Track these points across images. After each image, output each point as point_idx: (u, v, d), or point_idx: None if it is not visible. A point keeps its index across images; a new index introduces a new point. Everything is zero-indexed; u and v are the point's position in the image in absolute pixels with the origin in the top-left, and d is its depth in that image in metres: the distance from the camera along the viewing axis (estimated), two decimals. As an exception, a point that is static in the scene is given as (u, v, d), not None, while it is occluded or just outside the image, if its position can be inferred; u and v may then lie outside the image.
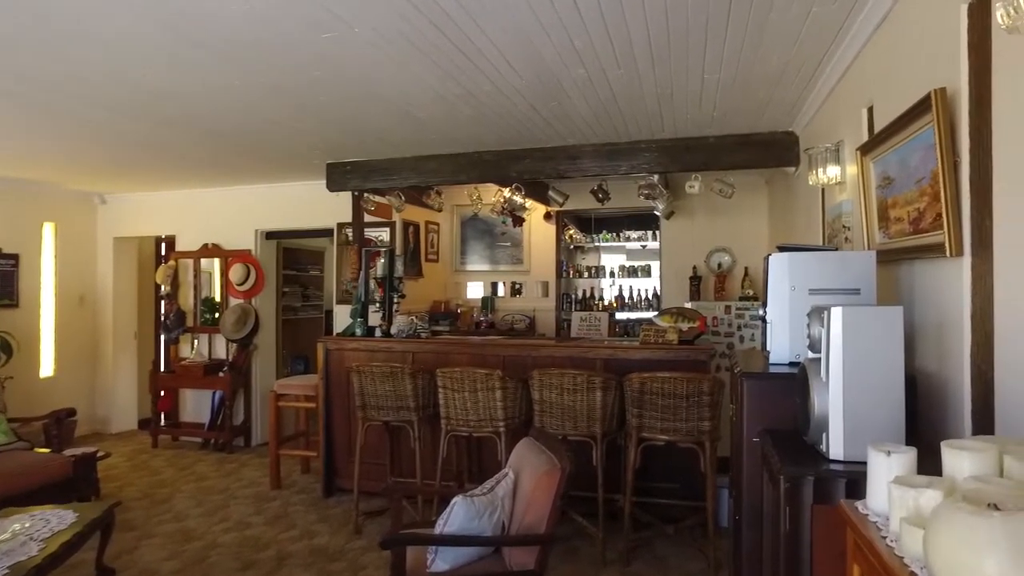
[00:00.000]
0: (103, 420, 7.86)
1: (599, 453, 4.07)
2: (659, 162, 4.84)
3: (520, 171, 5.10)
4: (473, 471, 4.91)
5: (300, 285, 8.30)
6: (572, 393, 4.08)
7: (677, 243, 6.93)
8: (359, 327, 5.34)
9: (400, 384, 4.48)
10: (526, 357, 4.82)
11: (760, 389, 2.09)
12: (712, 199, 6.74)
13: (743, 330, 5.90)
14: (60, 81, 3.52)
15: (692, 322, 4.64)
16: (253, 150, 5.18)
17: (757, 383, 2.10)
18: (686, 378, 3.80)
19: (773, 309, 2.31)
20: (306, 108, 4.02)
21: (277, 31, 2.84)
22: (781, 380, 2.09)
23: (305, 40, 2.93)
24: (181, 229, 7.55)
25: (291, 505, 5.19)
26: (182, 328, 7.33)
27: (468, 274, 7.82)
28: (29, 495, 4.43)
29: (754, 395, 2.08)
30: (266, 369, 7.36)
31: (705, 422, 3.80)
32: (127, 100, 3.88)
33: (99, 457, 5.31)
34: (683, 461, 4.24)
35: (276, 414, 5.63)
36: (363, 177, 5.53)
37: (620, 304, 7.44)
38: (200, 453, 6.91)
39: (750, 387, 2.10)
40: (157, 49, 3.07)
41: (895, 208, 2.32)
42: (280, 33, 2.86)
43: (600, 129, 4.59)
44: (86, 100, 3.86)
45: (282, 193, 6.98)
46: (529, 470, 2.88)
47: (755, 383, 2.10)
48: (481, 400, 4.24)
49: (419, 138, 4.81)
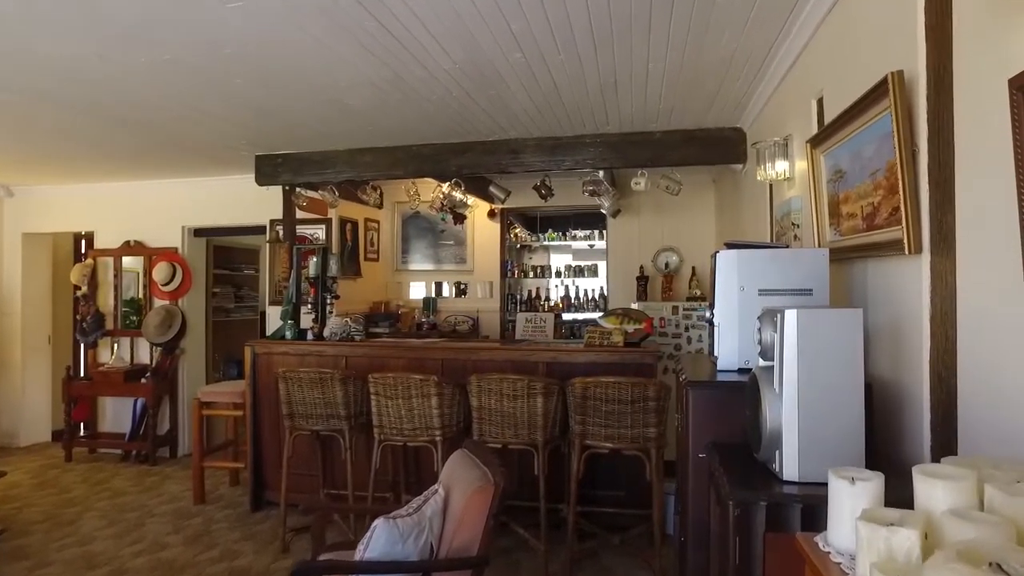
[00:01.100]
0: (9, 433, 7.24)
1: (541, 462, 3.87)
2: (604, 158, 4.67)
3: (460, 166, 4.86)
4: (410, 482, 4.65)
5: (233, 285, 7.84)
6: (512, 399, 3.87)
7: (624, 242, 6.81)
8: (289, 330, 5.01)
9: (330, 391, 4.18)
10: (465, 361, 4.58)
11: (707, 399, 1.91)
12: (659, 197, 6.63)
13: (691, 331, 5.80)
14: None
15: (638, 323, 4.48)
16: (172, 140, 4.78)
17: (703, 392, 1.92)
18: (631, 383, 3.63)
19: (721, 311, 2.14)
20: (223, 92, 3.68)
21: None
22: (730, 389, 1.91)
23: (207, 8, 2.62)
24: (100, 225, 7.03)
25: (215, 522, 4.82)
26: (101, 331, 6.82)
27: (410, 274, 7.53)
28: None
29: (700, 406, 1.89)
30: (195, 374, 6.91)
31: (651, 429, 3.64)
32: (26, 79, 3.49)
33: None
34: (629, 468, 4.08)
35: (200, 423, 5.24)
36: (295, 171, 5.19)
37: (566, 305, 7.28)
38: (120, 466, 6.43)
39: (696, 397, 1.91)
40: (51, 21, 2.72)
41: (847, 203, 2.18)
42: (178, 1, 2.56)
43: (543, 122, 4.39)
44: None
45: (211, 188, 6.55)
46: (461, 486, 2.65)
47: (701, 392, 1.92)
48: (416, 407, 3.99)
49: (353, 129, 4.52)
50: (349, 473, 4.23)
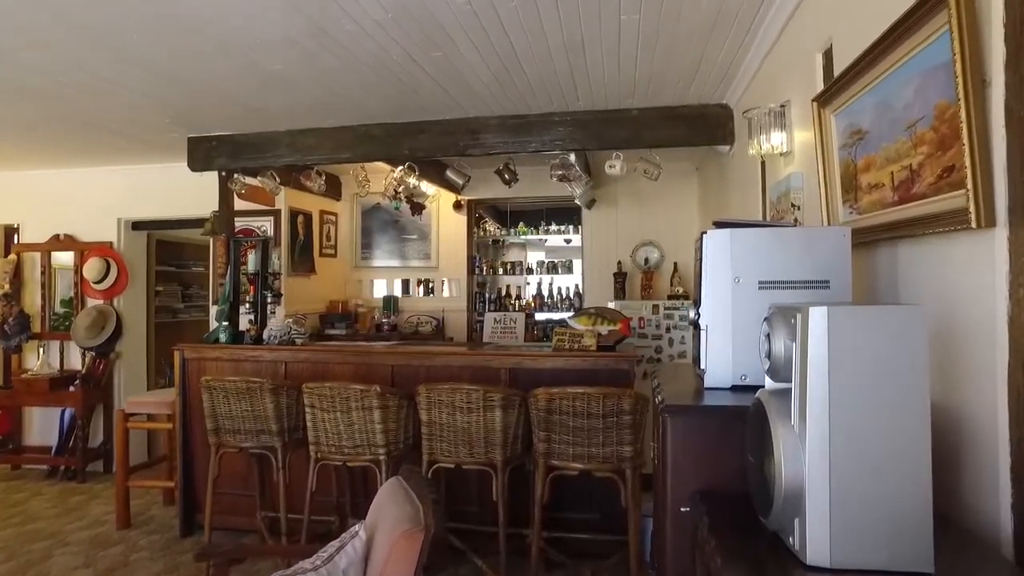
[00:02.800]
0: (-71, 446, 6.60)
1: (500, 485, 3.36)
2: (574, 138, 4.17)
3: (414, 148, 4.33)
4: (357, 503, 4.12)
5: (181, 283, 7.24)
6: (466, 412, 3.35)
7: (600, 236, 6.32)
8: (223, 332, 4.45)
9: (259, 403, 3.63)
10: (418, 368, 4.05)
11: (692, 431, 1.39)
12: (637, 187, 6.17)
13: (672, 332, 5.32)
14: None
15: (613, 324, 3.98)
16: (79, 115, 4.18)
17: (687, 422, 1.39)
18: (602, 394, 3.12)
19: (709, 310, 1.63)
20: (118, 52, 3.10)
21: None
22: (725, 418, 1.40)
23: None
24: (27, 217, 6.39)
25: (136, 550, 4.25)
26: (26, 334, 6.18)
27: (371, 271, 6.98)
28: None
29: (683, 440, 1.38)
30: (134, 381, 6.30)
31: (626, 447, 3.14)
32: None
33: None
34: (602, 488, 3.57)
35: (124, 437, 4.65)
36: (231, 155, 4.63)
37: (539, 304, 6.78)
38: (44, 484, 5.81)
39: (677, 429, 1.39)
40: None
41: (870, 171, 1.69)
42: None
43: (504, 98, 3.88)
44: None
45: (147, 177, 5.95)
46: (386, 527, 2.13)
47: (684, 422, 1.39)
48: (356, 421, 3.45)
49: (291, 106, 3.97)
50: (282, 495, 3.69)
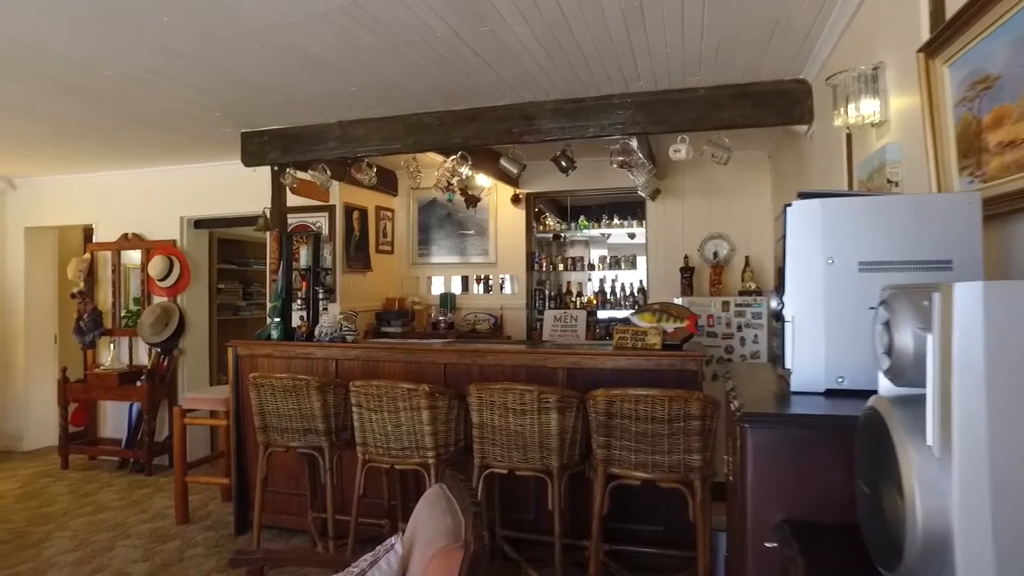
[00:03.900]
0: (14, 436, 6.89)
1: (556, 493, 3.12)
2: (635, 121, 3.88)
3: (466, 137, 4.14)
4: (408, 507, 3.94)
5: (242, 281, 7.32)
6: (520, 415, 3.13)
7: (666, 229, 5.98)
8: (275, 329, 4.38)
9: (305, 401, 3.52)
10: (471, 366, 3.86)
11: (779, 444, 1.10)
12: (705, 177, 5.81)
13: (744, 330, 4.95)
14: None
15: (679, 321, 3.68)
16: (132, 110, 4.17)
17: (773, 434, 1.11)
18: (668, 397, 2.84)
19: (796, 299, 1.35)
20: (153, 38, 3.01)
21: None
22: (820, 430, 1.11)
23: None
24: (100, 217, 6.58)
25: (192, 547, 4.23)
26: (99, 331, 6.36)
27: (427, 267, 6.85)
28: None
29: (767, 455, 1.10)
30: (197, 377, 6.39)
31: (694, 456, 2.84)
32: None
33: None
34: (669, 498, 3.28)
35: (182, 433, 4.67)
36: (283, 149, 4.56)
37: (601, 301, 6.48)
38: (114, 475, 5.95)
39: (760, 441, 1.10)
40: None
41: (1002, 127, 1.37)
42: None
43: (559, 78, 3.64)
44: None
45: (207, 175, 6.01)
46: (424, 542, 1.93)
47: (769, 434, 1.11)
48: (404, 422, 3.29)
49: (337, 94, 3.85)
50: (329, 498, 3.56)
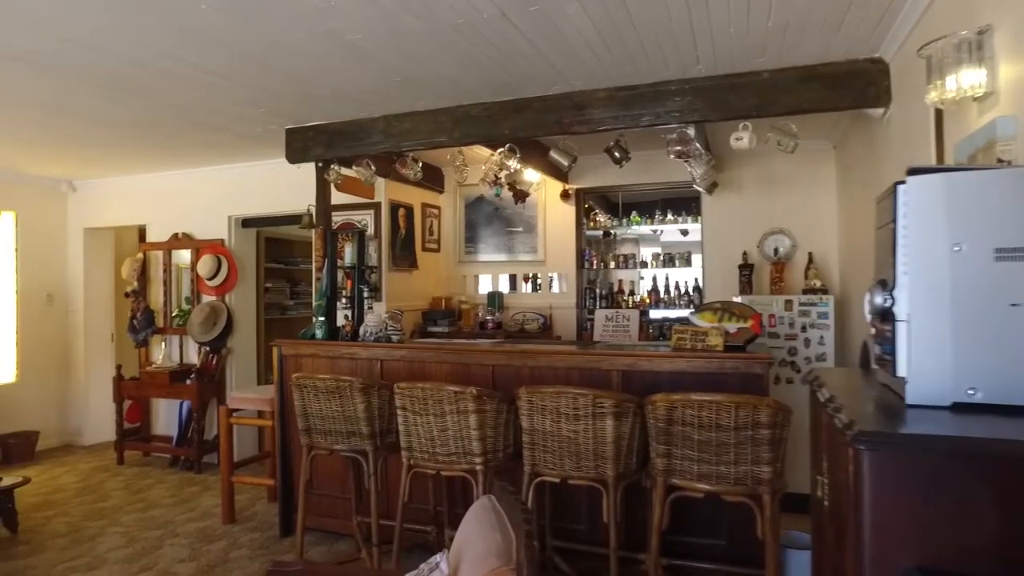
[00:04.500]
0: (74, 431, 7.07)
1: (611, 504, 2.92)
2: (693, 108, 3.65)
3: (515, 128, 3.97)
4: (456, 513, 3.81)
5: (289, 280, 7.34)
6: (573, 420, 2.94)
7: (723, 225, 5.69)
8: (319, 328, 4.31)
9: (349, 403, 3.41)
10: (520, 368, 3.69)
11: (909, 474, 0.87)
12: (766, 170, 5.50)
13: (809, 331, 4.65)
14: None
15: (743, 321, 3.44)
16: (178, 109, 4.16)
17: (900, 460, 0.87)
18: (734, 402, 2.62)
19: (911, 293, 1.13)
20: (191, 28, 2.94)
21: None
22: (969, 459, 0.87)
23: None
24: (151, 217, 6.68)
25: (237, 547, 4.19)
26: (151, 329, 6.45)
27: (474, 265, 6.72)
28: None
29: (893, 487, 0.87)
30: (245, 376, 6.41)
31: (763, 467, 2.61)
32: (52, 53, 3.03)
33: (11, 486, 4.41)
34: (733, 510, 3.05)
35: (228, 432, 4.65)
36: (327, 145, 4.48)
37: (654, 300, 6.23)
38: (166, 472, 6.01)
39: (883, 468, 0.86)
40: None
41: None
42: None
43: (612, 64, 3.43)
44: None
45: (254, 174, 6.02)
46: (471, 561, 1.77)
47: (896, 460, 0.88)
48: (451, 426, 3.14)
49: (381, 86, 3.73)
50: (373, 504, 3.45)
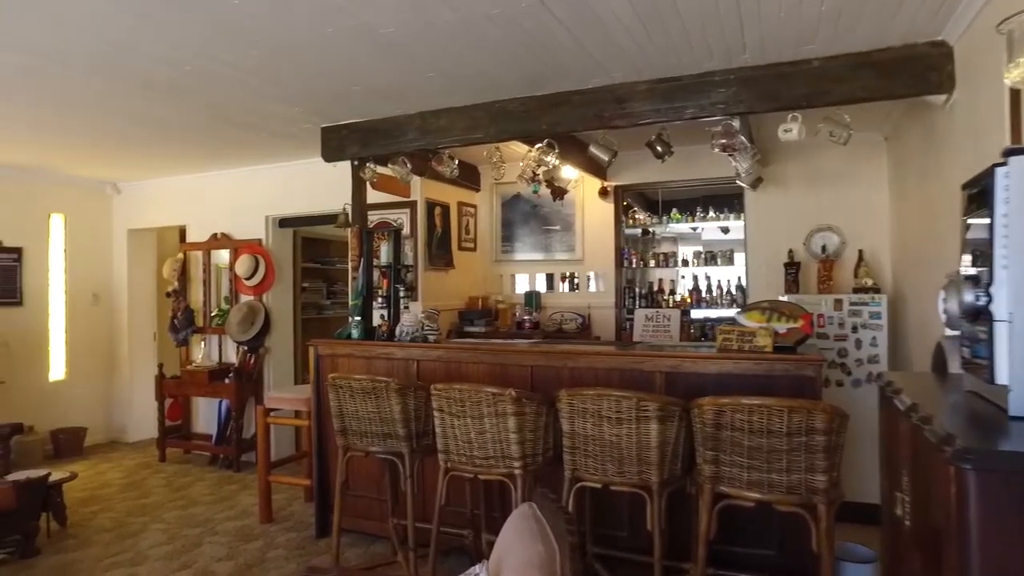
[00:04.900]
0: (120, 428, 7.22)
1: (655, 511, 2.80)
2: (739, 100, 3.50)
3: (553, 123, 3.87)
4: (493, 517, 3.73)
5: (326, 280, 7.36)
6: (615, 424, 2.83)
7: (767, 221, 5.50)
8: (356, 328, 4.28)
9: (385, 404, 3.35)
10: (560, 369, 3.60)
11: (1021, 498, 0.76)
12: (812, 164, 5.30)
13: (860, 331, 4.45)
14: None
15: (793, 321, 3.28)
16: (214, 107, 4.16)
17: (1010, 481, 0.76)
18: (787, 407, 2.48)
19: (1016, 290, 1.00)
20: (219, 21, 2.92)
21: None
22: None
23: None
24: (191, 218, 6.77)
25: (274, 548, 4.18)
26: (191, 328, 6.53)
27: (511, 264, 6.64)
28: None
29: (1010, 514, 0.76)
30: (283, 376, 6.44)
31: (818, 476, 2.46)
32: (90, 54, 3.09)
33: (60, 481, 4.49)
34: (784, 518, 2.90)
35: (265, 432, 4.65)
36: (362, 143, 4.45)
37: (696, 299, 6.06)
38: (205, 470, 6.07)
39: (996, 494, 0.73)
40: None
41: None
42: None
43: (655, 54, 3.31)
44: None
45: (290, 174, 6.04)
46: (511, 570, 1.68)
47: (1008, 482, 0.76)
48: (488, 429, 3.06)
49: (416, 82, 3.67)
50: (409, 506, 3.38)
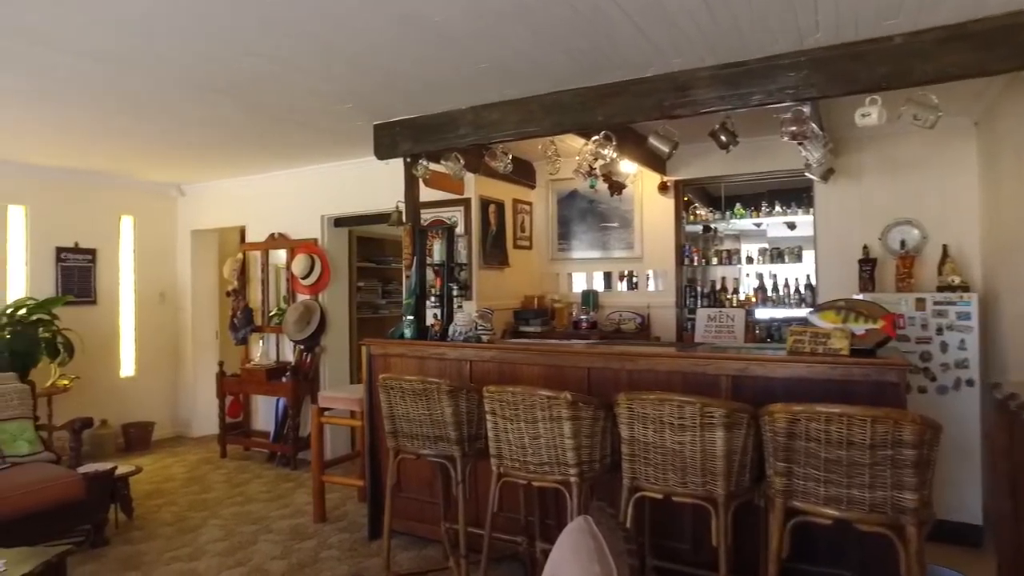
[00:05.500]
0: (186, 423, 7.42)
1: (721, 525, 2.61)
2: (810, 83, 3.25)
3: (609, 115, 3.70)
4: (548, 524, 3.59)
5: (381, 279, 7.37)
6: (678, 430, 2.65)
7: (840, 216, 5.17)
8: (408, 327, 4.21)
9: (436, 406, 3.26)
10: (618, 371, 3.42)
11: None
12: (890, 152, 4.95)
13: (946, 333, 4.10)
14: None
15: (872, 321, 3.02)
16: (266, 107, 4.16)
17: None
18: (871, 416, 2.24)
19: None
20: (264, 16, 2.89)
21: None
22: None
23: None
24: (250, 218, 6.88)
25: (327, 548, 4.16)
26: (250, 327, 6.63)
27: (567, 263, 6.48)
28: (25, 520, 3.76)
29: None
30: (338, 375, 6.47)
31: (907, 493, 2.22)
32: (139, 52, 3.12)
33: (126, 474, 4.59)
34: (861, 536, 2.66)
35: (319, 431, 4.65)
36: (414, 139, 4.38)
37: (760, 298, 5.77)
38: (264, 467, 6.15)
39: None
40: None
41: None
42: None
43: (718, 38, 3.10)
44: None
45: (345, 173, 6.06)
46: (567, 596, 1.54)
47: None
48: (543, 434, 2.92)
49: (468, 74, 3.56)
50: (461, 512, 3.28)
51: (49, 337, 5.68)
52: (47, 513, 3.92)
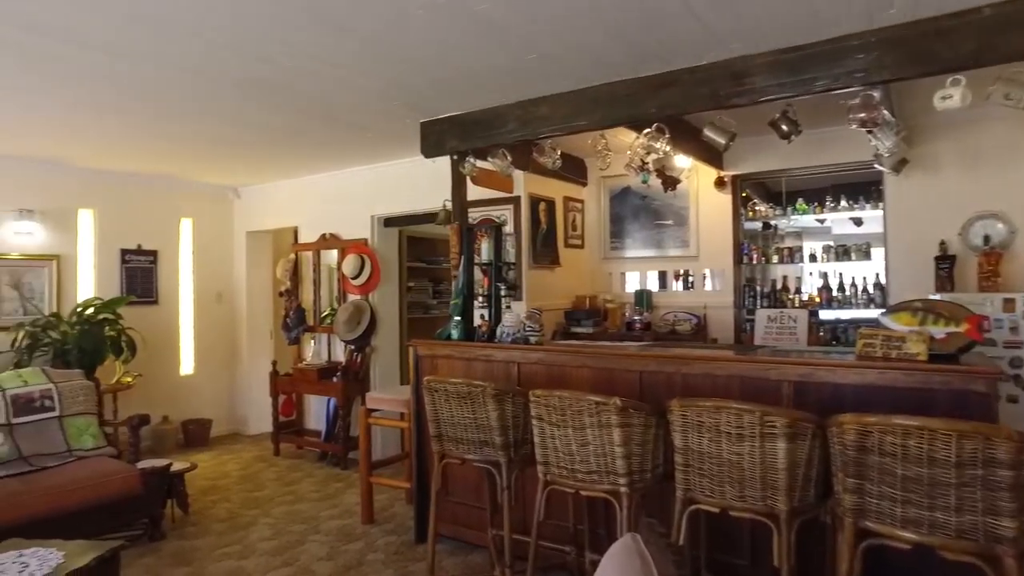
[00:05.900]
0: (242, 421, 7.56)
1: (784, 543, 2.41)
2: (882, 65, 2.99)
3: (662, 106, 3.52)
4: (597, 534, 3.44)
5: (431, 279, 7.33)
6: (736, 440, 2.47)
7: (913, 210, 4.83)
8: (455, 328, 4.12)
9: (481, 409, 3.15)
10: (672, 375, 3.24)
11: None
12: (969, 141, 4.59)
13: (1037, 337, 3.76)
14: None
15: (954, 324, 2.75)
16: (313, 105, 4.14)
17: None
18: (957, 431, 2.01)
19: None
20: (331, 24, 2.85)
21: None
22: None
23: None
24: (302, 219, 6.95)
25: (373, 551, 4.11)
26: (302, 327, 6.69)
27: (620, 262, 6.29)
28: (84, 513, 3.90)
29: None
30: (388, 376, 6.45)
31: (1003, 520, 1.98)
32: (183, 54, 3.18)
33: (182, 470, 4.67)
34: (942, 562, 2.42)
35: (367, 432, 4.61)
36: (461, 136, 4.29)
37: (825, 298, 5.45)
38: (315, 466, 6.19)
39: None
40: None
41: None
42: None
43: (778, 20, 2.89)
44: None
45: (394, 173, 6.04)
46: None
47: None
48: (591, 441, 2.78)
49: (515, 67, 3.45)
50: (506, 518, 3.17)
51: (114, 336, 5.85)
52: (106, 506, 4.02)
